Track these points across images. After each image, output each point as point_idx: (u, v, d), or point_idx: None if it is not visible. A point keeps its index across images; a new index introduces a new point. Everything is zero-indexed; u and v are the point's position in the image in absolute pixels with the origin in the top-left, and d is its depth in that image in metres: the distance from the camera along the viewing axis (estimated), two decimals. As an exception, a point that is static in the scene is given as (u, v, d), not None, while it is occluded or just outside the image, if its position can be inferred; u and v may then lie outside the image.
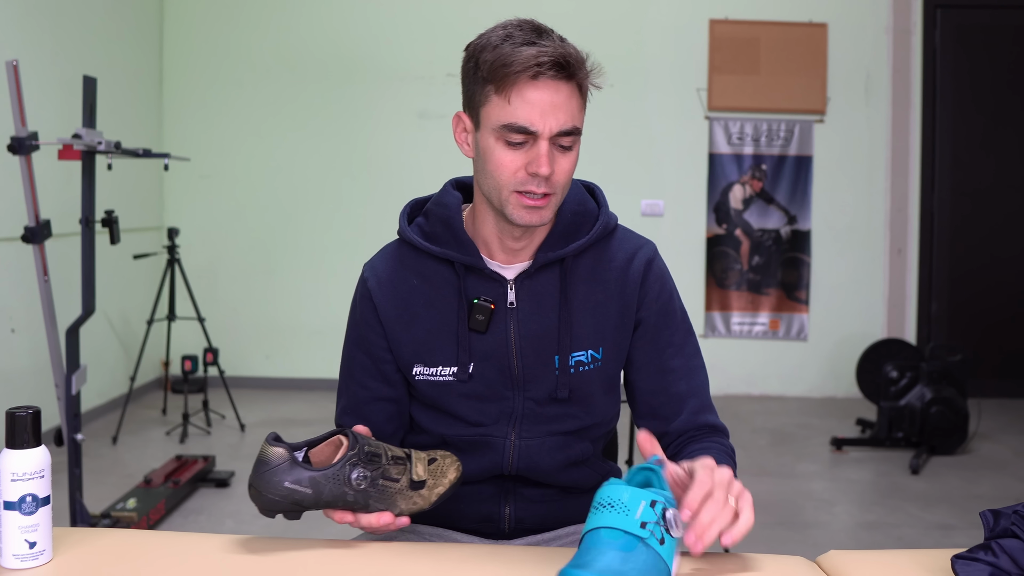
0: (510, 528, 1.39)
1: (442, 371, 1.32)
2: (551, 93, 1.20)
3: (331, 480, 1.13)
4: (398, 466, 1.20)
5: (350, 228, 5.59)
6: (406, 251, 1.37)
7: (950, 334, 5.54)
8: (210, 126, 5.62)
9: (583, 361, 1.33)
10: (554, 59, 1.19)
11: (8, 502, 1.07)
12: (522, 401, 1.33)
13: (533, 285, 1.33)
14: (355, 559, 1.16)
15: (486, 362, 1.32)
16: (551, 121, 1.20)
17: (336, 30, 5.59)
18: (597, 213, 1.37)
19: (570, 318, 1.32)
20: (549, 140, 1.22)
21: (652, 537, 0.99)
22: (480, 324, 1.31)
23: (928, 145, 5.57)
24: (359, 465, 1.15)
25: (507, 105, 1.21)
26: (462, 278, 1.32)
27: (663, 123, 5.62)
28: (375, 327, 1.35)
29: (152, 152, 3.34)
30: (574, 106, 1.23)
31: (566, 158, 1.24)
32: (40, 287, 2.85)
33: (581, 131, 1.25)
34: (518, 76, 1.19)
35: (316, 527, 3.33)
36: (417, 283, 1.34)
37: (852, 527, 3.43)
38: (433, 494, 1.23)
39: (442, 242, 1.33)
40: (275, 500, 1.14)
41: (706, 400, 1.38)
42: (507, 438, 1.33)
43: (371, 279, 1.36)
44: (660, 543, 1.00)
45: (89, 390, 4.54)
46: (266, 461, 1.13)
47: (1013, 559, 1.05)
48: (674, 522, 1.01)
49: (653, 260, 1.37)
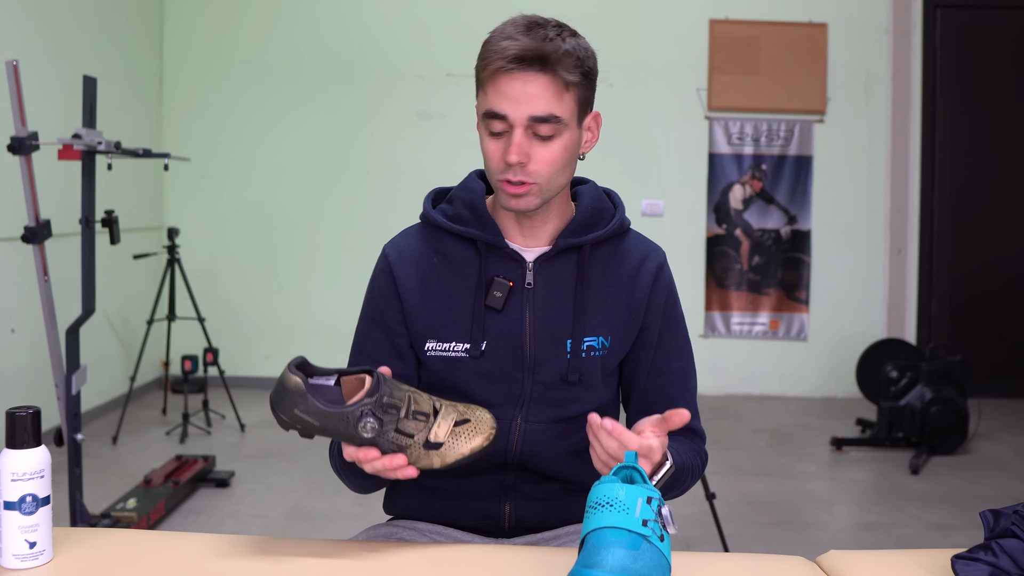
0: (510, 527, 1.40)
1: (455, 347, 1.34)
2: (521, 84, 1.24)
3: (340, 420, 1.12)
4: (417, 422, 1.16)
5: (350, 228, 5.59)
6: (429, 231, 1.40)
7: (950, 334, 5.54)
8: (210, 126, 5.62)
9: (594, 347, 1.36)
10: (521, 53, 1.23)
11: (8, 502, 1.07)
12: (531, 384, 1.35)
13: (552, 268, 1.36)
14: (355, 559, 1.16)
15: (499, 341, 1.34)
16: (522, 108, 1.24)
17: (336, 30, 5.59)
18: (614, 212, 1.42)
19: (585, 304, 1.36)
20: (524, 128, 1.26)
21: (654, 535, 0.99)
22: (497, 301, 1.33)
23: (928, 145, 5.57)
24: (370, 414, 1.12)
25: (486, 96, 1.28)
26: (483, 257, 1.36)
27: (663, 123, 5.62)
28: (392, 301, 1.37)
29: (152, 152, 3.34)
30: (550, 95, 1.25)
31: (546, 148, 1.27)
32: (40, 287, 2.85)
33: (564, 121, 1.27)
34: (492, 68, 1.25)
35: (316, 527, 3.33)
36: (438, 261, 1.37)
37: (852, 527, 3.43)
38: (449, 457, 1.18)
39: (465, 222, 1.37)
40: (286, 421, 1.14)
41: (694, 405, 1.42)
42: (513, 420, 1.35)
43: (392, 254, 1.39)
44: (660, 540, 1.00)
45: (89, 390, 4.54)
46: (282, 385, 1.14)
47: (1013, 559, 1.05)
48: (670, 518, 1.02)
49: (663, 266, 1.42)
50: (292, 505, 3.54)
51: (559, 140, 1.28)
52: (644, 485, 1.03)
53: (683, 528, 3.29)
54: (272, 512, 3.48)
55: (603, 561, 0.97)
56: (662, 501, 1.03)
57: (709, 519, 3.16)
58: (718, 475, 3.86)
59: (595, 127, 1.36)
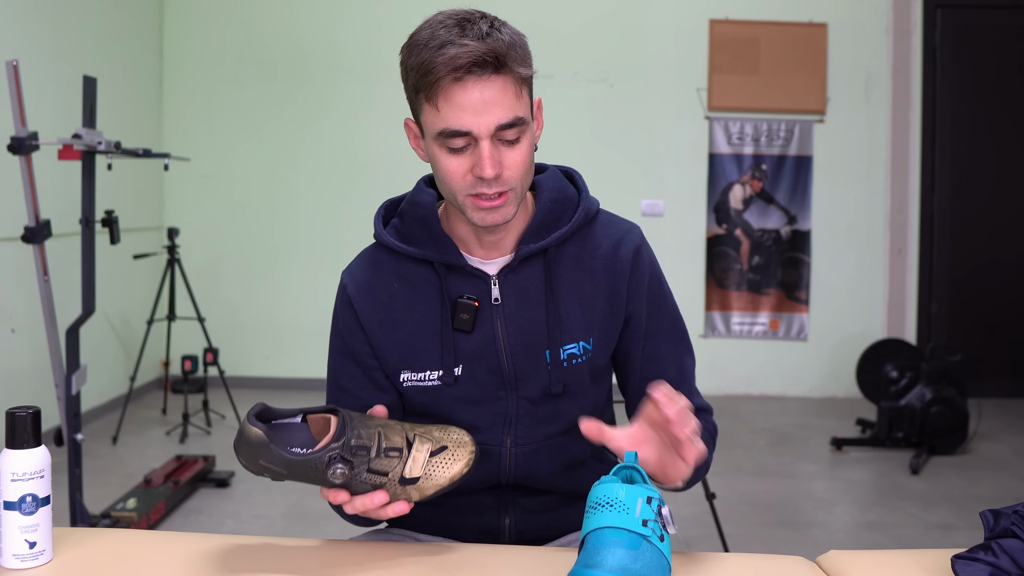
0: (511, 540, 1.36)
1: (429, 375, 1.28)
2: (479, 91, 1.14)
3: (308, 467, 1.08)
4: (390, 459, 1.11)
5: (350, 228, 5.57)
6: (383, 255, 1.32)
7: (950, 334, 5.54)
8: (210, 126, 5.62)
9: (575, 353, 1.29)
10: (473, 59, 1.13)
11: (8, 502, 1.07)
12: (515, 401, 1.29)
13: (517, 279, 1.28)
14: (355, 559, 1.16)
15: (475, 363, 1.28)
16: (486, 119, 1.15)
17: (337, 30, 5.59)
18: (578, 200, 1.32)
19: (558, 310, 1.28)
20: (491, 138, 1.16)
21: (654, 535, 0.99)
22: (465, 323, 1.26)
23: (928, 145, 5.57)
24: (339, 459, 1.08)
25: (437, 112, 1.16)
26: (443, 278, 1.28)
27: (663, 123, 5.62)
28: (358, 334, 1.30)
29: (152, 152, 3.34)
30: (509, 97, 1.16)
31: (515, 151, 1.18)
32: (40, 287, 2.85)
33: (527, 120, 1.19)
34: (441, 81, 1.14)
35: (316, 527, 3.33)
36: (397, 286, 1.29)
37: (852, 527, 3.43)
38: (428, 490, 1.14)
39: (419, 242, 1.29)
40: (252, 470, 1.10)
41: (692, 384, 1.35)
42: (503, 446, 1.30)
43: (350, 285, 1.31)
44: (660, 540, 1.00)
45: (89, 390, 4.54)
46: (244, 436, 1.09)
47: (1013, 559, 1.05)
48: (670, 518, 1.02)
49: (640, 248, 1.32)
50: (292, 505, 3.54)
51: (525, 140, 1.19)
52: (644, 485, 1.03)
53: (683, 528, 3.29)
54: (272, 512, 3.48)
55: (603, 561, 0.97)
56: (662, 501, 1.03)
57: (709, 519, 3.16)
58: (718, 475, 3.86)
59: (539, 114, 1.27)
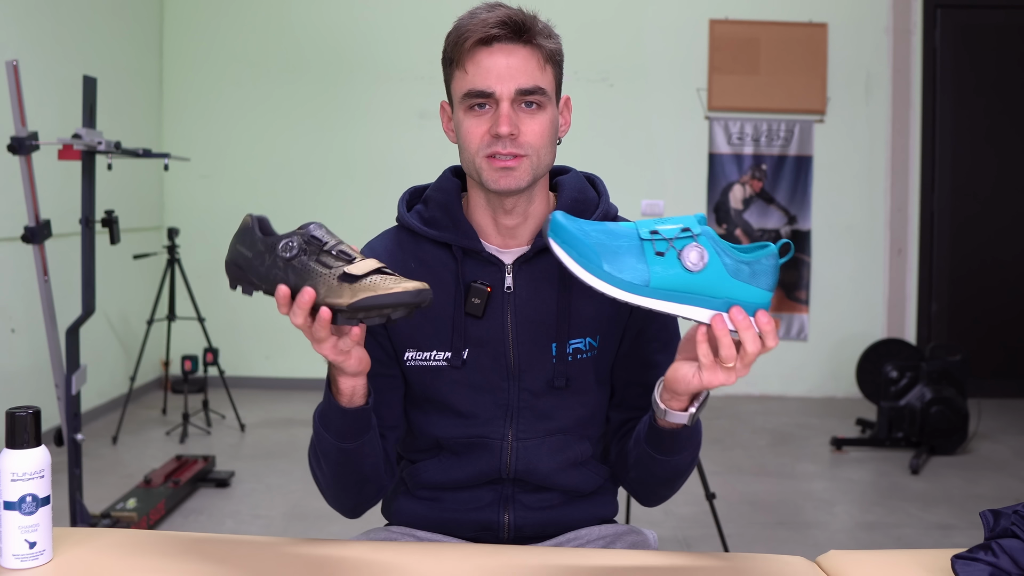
0: (510, 537, 1.36)
1: (435, 355, 1.30)
2: (504, 56, 1.23)
3: (268, 247, 1.14)
4: (339, 260, 1.11)
5: (350, 228, 5.52)
6: (404, 236, 1.37)
7: (950, 334, 5.54)
8: (210, 126, 5.62)
9: (581, 349, 1.31)
10: (500, 20, 1.22)
11: (8, 502, 1.07)
12: (517, 392, 1.30)
13: (532, 270, 1.31)
14: (355, 559, 1.16)
15: (481, 349, 1.30)
16: (508, 82, 1.23)
17: (336, 30, 5.59)
18: (598, 201, 1.37)
19: (568, 305, 1.30)
20: (511, 101, 1.23)
21: (651, 244, 1.00)
22: (476, 308, 1.29)
23: (928, 145, 5.57)
24: (295, 237, 1.13)
25: (466, 75, 1.24)
26: (460, 262, 1.31)
27: (663, 123, 5.62)
28: None
29: (152, 152, 3.34)
30: (533, 66, 1.24)
31: (534, 120, 1.25)
32: (40, 287, 2.85)
33: (549, 94, 1.26)
34: (470, 44, 1.23)
35: (316, 527, 3.33)
36: (415, 267, 1.33)
37: (852, 527, 3.43)
38: (361, 292, 1.07)
39: (440, 226, 1.33)
40: (227, 263, 1.17)
41: None
42: (504, 439, 1.31)
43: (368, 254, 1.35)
44: (657, 255, 1.00)
45: (89, 390, 4.54)
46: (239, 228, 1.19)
47: (1013, 559, 1.05)
48: (689, 257, 1.00)
49: None
50: (292, 505, 3.54)
51: (545, 113, 1.26)
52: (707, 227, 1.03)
53: (683, 528, 3.30)
54: (272, 512, 3.48)
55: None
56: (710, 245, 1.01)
57: (709, 519, 3.16)
58: (718, 475, 3.86)
59: (567, 112, 1.34)
